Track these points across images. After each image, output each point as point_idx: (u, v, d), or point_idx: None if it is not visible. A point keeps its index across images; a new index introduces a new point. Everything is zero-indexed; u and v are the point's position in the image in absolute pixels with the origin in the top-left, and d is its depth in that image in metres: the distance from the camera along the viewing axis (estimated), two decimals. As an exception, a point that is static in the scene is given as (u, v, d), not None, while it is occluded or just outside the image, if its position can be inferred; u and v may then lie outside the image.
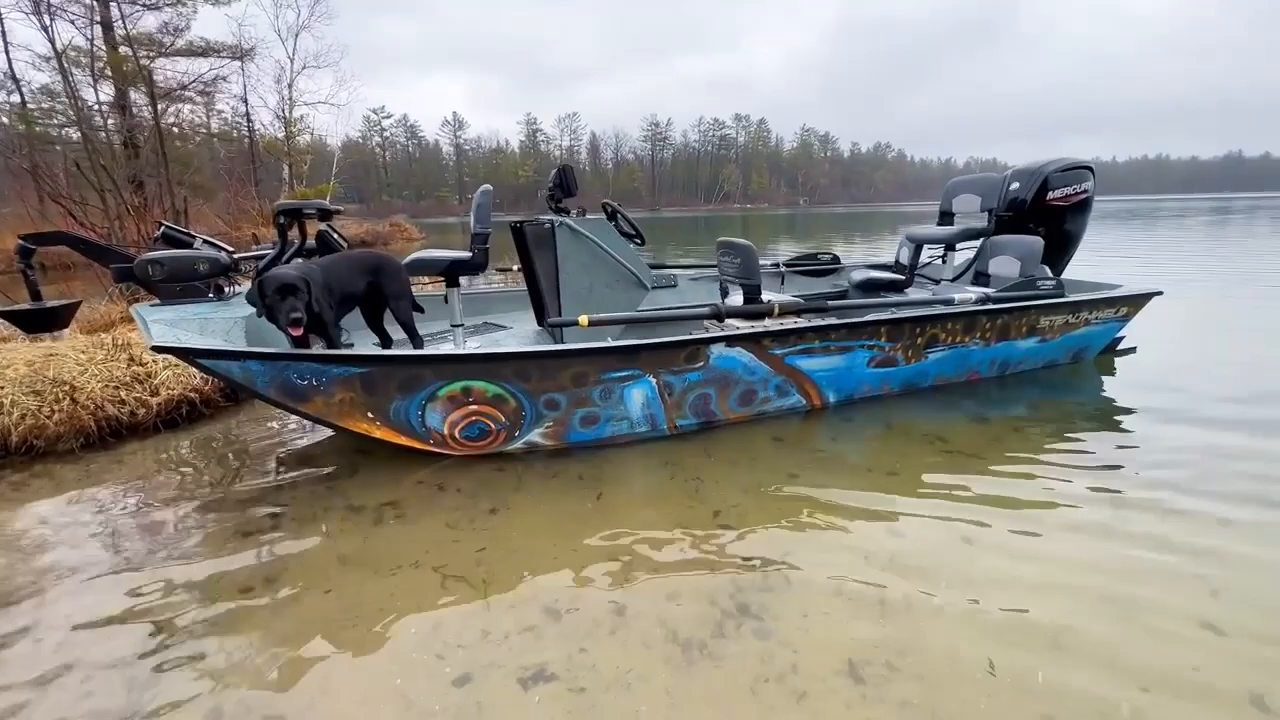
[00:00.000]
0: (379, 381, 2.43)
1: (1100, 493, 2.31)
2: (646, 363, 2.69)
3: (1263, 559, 1.89)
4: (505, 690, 1.44)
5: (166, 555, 2.02)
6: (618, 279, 3.37)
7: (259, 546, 2.06)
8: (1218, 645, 1.54)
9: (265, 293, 2.28)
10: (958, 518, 2.16)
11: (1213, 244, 12.92)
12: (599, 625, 1.65)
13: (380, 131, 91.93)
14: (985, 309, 3.35)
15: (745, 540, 2.04)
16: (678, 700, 1.40)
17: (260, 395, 2.43)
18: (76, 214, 7.82)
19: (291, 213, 3.22)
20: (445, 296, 3.32)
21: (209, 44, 17.48)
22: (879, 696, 1.39)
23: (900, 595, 1.74)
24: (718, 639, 1.59)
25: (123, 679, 1.49)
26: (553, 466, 2.62)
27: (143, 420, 3.05)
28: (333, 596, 1.80)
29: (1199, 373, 3.76)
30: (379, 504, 2.32)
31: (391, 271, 2.85)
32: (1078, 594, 1.74)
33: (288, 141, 21.89)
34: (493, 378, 2.51)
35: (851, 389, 3.28)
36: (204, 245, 3.68)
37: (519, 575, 1.88)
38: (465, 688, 1.45)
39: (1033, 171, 4.29)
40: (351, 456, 2.75)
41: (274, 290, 2.27)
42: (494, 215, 3.31)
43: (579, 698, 1.41)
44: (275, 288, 2.27)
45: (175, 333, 2.55)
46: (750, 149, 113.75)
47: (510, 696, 1.42)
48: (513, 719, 1.36)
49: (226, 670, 1.51)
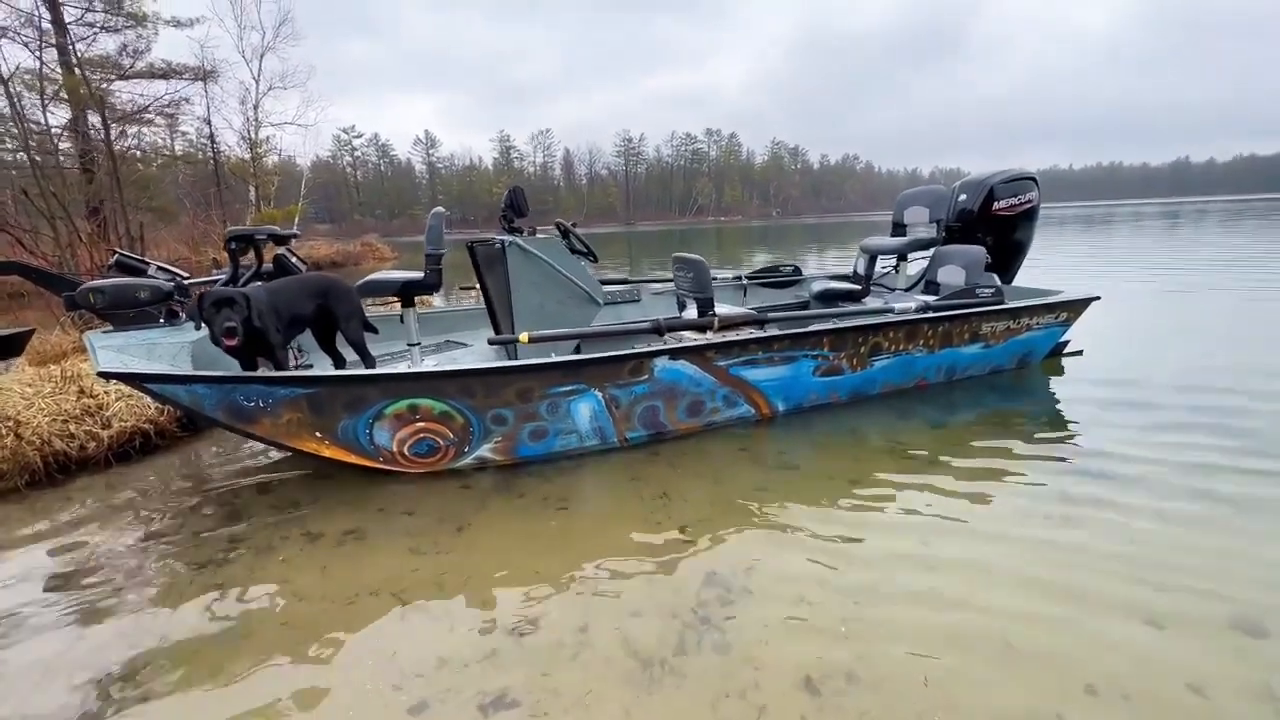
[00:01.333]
0: (325, 401, 2.47)
1: (1051, 492, 2.38)
2: (591, 377, 2.75)
3: (1202, 546, 1.97)
4: (463, 718, 1.41)
5: (114, 592, 1.95)
6: (569, 296, 3.42)
7: (213, 579, 2.00)
8: (1159, 643, 1.59)
9: (203, 307, 2.40)
10: (917, 524, 2.20)
11: (1173, 245, 13.46)
12: (561, 647, 1.63)
13: (351, 151, 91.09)
14: (926, 317, 3.46)
15: (710, 554, 2.05)
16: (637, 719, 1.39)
17: (208, 418, 2.46)
18: (26, 243, 7.56)
19: (243, 238, 3.22)
20: (401, 316, 3.40)
21: (170, 66, 17.21)
22: (836, 707, 1.40)
23: (858, 605, 1.76)
24: (679, 655, 1.59)
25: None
26: (517, 485, 2.60)
27: (93, 454, 2.94)
28: (287, 630, 1.75)
29: (1141, 371, 3.89)
30: (340, 531, 2.28)
31: (340, 294, 2.92)
32: (1032, 598, 1.78)
33: (254, 163, 21.55)
34: (438, 395, 2.55)
35: (800, 398, 3.35)
36: (158, 272, 3.72)
37: (481, 598, 1.86)
38: (420, 716, 1.42)
39: (979, 183, 4.46)
40: (313, 484, 2.70)
41: (210, 304, 2.38)
42: (470, 233, 3.32)
43: (538, 723, 1.39)
44: (211, 301, 2.39)
45: (122, 358, 2.57)
46: (722, 162, 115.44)
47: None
48: (470, 748, 1.34)
49: (173, 710, 1.46)
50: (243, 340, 2.42)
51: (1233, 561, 1.90)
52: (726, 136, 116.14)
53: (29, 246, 7.56)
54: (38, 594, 1.97)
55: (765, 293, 5.16)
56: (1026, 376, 3.98)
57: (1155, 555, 1.95)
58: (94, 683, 1.57)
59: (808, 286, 5.04)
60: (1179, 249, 12.51)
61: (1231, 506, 2.22)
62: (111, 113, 14.82)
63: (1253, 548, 1.97)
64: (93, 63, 15.11)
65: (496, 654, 1.61)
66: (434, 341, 4.02)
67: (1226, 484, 2.38)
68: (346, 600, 1.87)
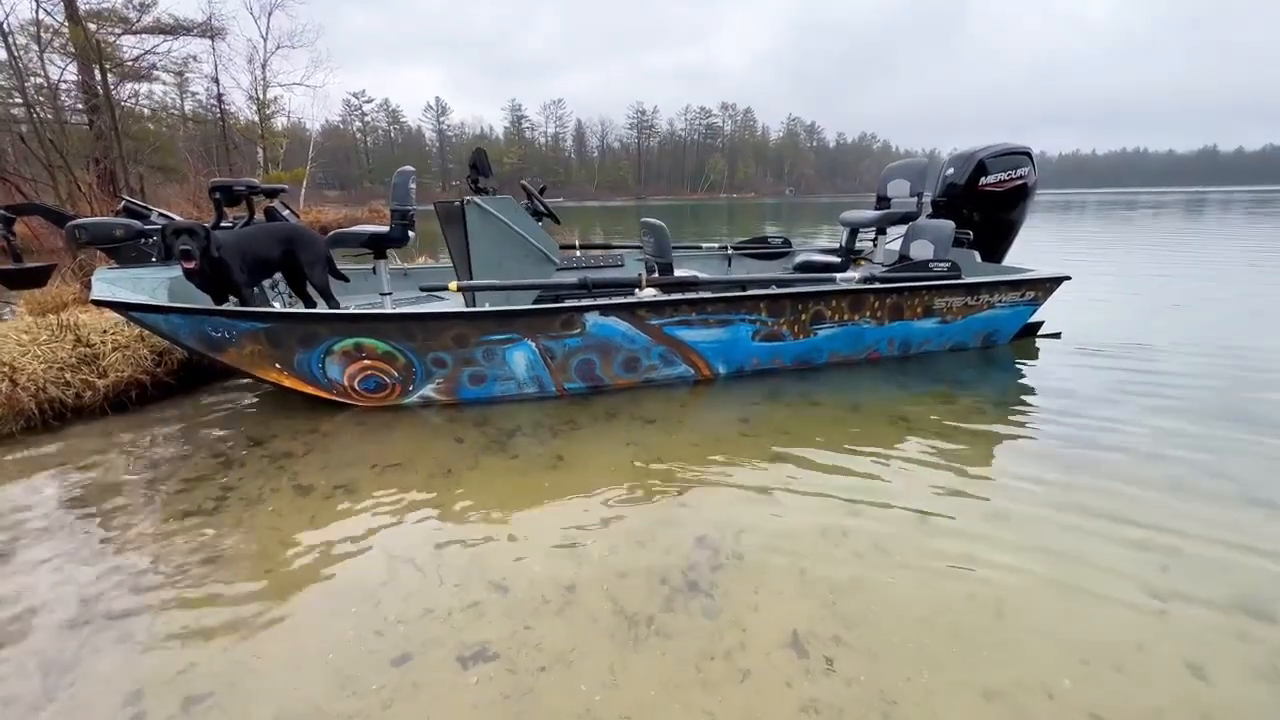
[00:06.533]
0: (281, 335, 2.72)
1: (1046, 463, 2.32)
2: (524, 328, 2.91)
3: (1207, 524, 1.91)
4: (444, 668, 1.39)
5: (105, 538, 1.94)
6: (526, 255, 3.54)
7: (201, 527, 1.99)
8: (1158, 619, 1.54)
9: (165, 236, 2.68)
10: (914, 495, 2.15)
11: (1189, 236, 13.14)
12: (546, 603, 1.61)
13: (361, 116, 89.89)
14: (870, 288, 3.43)
15: (702, 518, 2.02)
16: (620, 678, 1.37)
17: (183, 345, 2.75)
18: (26, 191, 7.52)
19: (225, 189, 3.59)
20: (373, 268, 3.73)
21: (178, 21, 16.92)
22: (823, 672, 1.37)
23: (851, 571, 1.73)
24: (666, 614, 1.56)
25: (39, 664, 1.43)
26: (511, 446, 2.57)
27: (89, 403, 2.93)
28: (272, 577, 1.74)
29: (1112, 354, 3.80)
30: (331, 485, 2.26)
31: (304, 241, 3.23)
32: (1029, 566, 1.73)
33: (261, 124, 21.32)
34: (380, 336, 2.79)
35: (740, 361, 3.40)
36: (159, 218, 4.12)
37: (468, 553, 1.83)
38: (403, 667, 1.40)
39: (967, 157, 4.29)
40: (305, 437, 2.68)
41: (171, 231, 2.66)
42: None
43: (518, 678, 1.37)
44: (172, 230, 2.66)
45: (113, 289, 2.79)
46: (737, 138, 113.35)
47: (448, 675, 1.38)
48: (449, 698, 1.32)
49: (154, 647, 1.45)
50: (204, 270, 2.72)
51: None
52: (741, 111, 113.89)
53: (28, 196, 7.53)
54: (27, 538, 1.97)
55: (752, 264, 5.16)
56: (994, 355, 3.87)
57: (1157, 520, 1.90)
58: (79, 606, 1.56)
59: (795, 258, 5.01)
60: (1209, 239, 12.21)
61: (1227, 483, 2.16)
62: (117, 68, 14.65)
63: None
64: (99, 16, 14.87)
65: (479, 606, 1.59)
66: (416, 295, 4.20)
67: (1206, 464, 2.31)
68: (334, 552, 1.85)
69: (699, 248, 5.24)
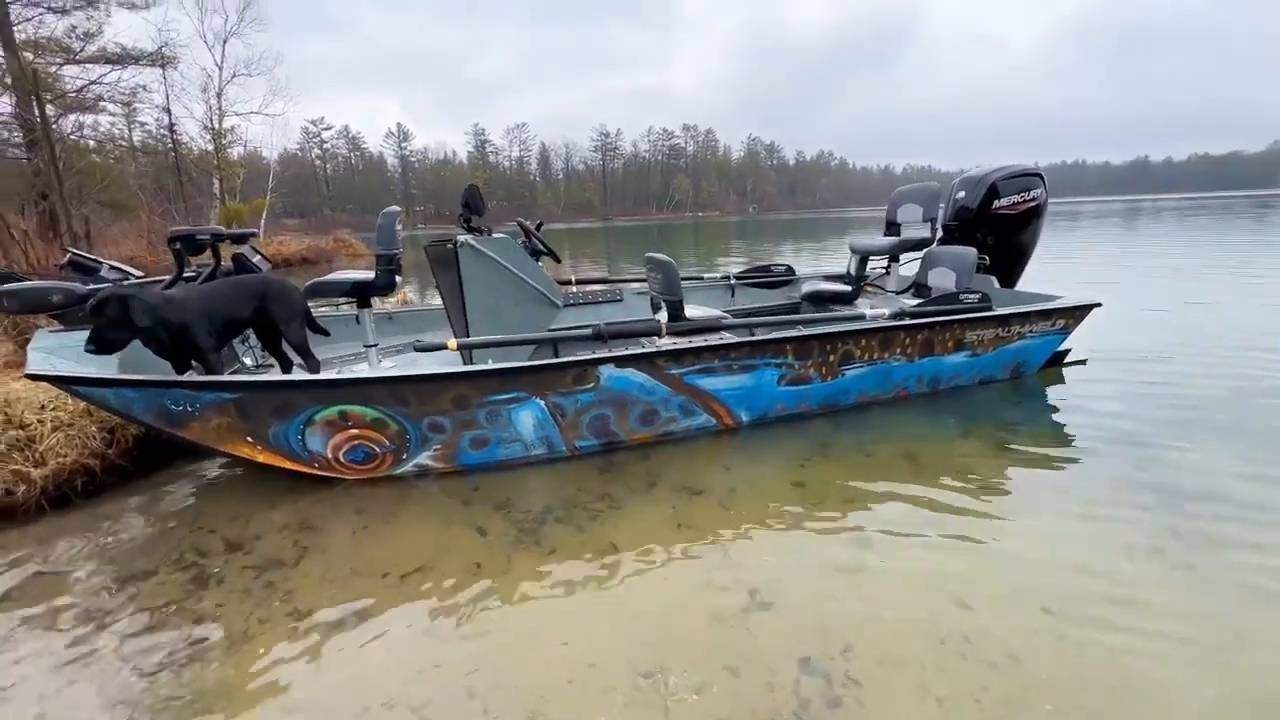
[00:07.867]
0: (251, 406, 2.38)
1: (1070, 500, 2.07)
2: (530, 385, 2.60)
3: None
4: None
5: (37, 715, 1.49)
6: (526, 298, 3.25)
7: (168, 700, 1.54)
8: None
9: (87, 309, 2.25)
10: (1023, 568, 1.86)
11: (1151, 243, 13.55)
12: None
13: (320, 144, 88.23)
14: (901, 325, 3.20)
15: (795, 628, 1.67)
16: None
17: (139, 422, 2.43)
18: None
19: (186, 238, 3.11)
20: (357, 317, 3.33)
21: (125, 50, 16.11)
22: None
23: (998, 688, 1.41)
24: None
25: None
26: (546, 537, 2.19)
27: (22, 500, 2.44)
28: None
29: (1139, 384, 3.63)
30: (338, 609, 1.83)
31: (278, 295, 2.82)
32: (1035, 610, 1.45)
33: (217, 154, 20.46)
34: (368, 402, 2.45)
35: (764, 408, 3.13)
36: (110, 272, 3.71)
37: (523, 704, 1.45)
38: None
39: (979, 179, 4.19)
40: (294, 535, 2.25)
41: (90, 307, 2.23)
42: (447, 228, 3.11)
43: None
44: (92, 305, 2.23)
45: (52, 360, 2.43)
46: (699, 158, 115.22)
47: None
48: None
49: None
50: (159, 337, 2.37)
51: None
52: (704, 132, 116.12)
53: (-44, 246, 6.82)
54: (-66, 711, 1.50)
55: (756, 293, 4.91)
56: (1020, 388, 3.67)
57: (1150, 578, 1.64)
58: None
59: (799, 287, 4.79)
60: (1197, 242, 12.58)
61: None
62: (59, 99, 13.82)
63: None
64: (37, 45, 14.02)
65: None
66: (403, 342, 3.85)
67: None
68: (362, 715, 1.45)
69: (700, 279, 5.01)
